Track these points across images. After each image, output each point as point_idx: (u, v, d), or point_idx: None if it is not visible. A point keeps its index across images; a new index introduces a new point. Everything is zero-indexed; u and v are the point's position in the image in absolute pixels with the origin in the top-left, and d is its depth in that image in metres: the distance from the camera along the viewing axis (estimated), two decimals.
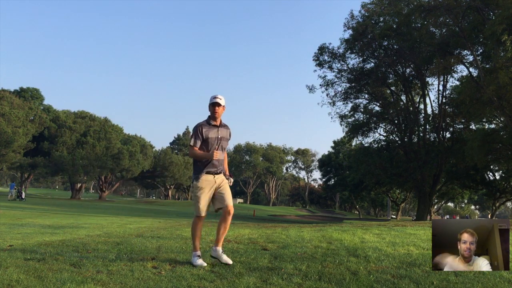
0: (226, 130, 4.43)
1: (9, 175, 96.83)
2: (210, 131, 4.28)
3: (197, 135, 4.28)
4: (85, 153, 45.71)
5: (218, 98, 4.28)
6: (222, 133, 4.37)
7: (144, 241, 5.93)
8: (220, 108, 4.28)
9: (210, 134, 4.28)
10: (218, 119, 4.32)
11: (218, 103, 4.26)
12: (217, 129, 4.33)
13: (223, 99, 4.33)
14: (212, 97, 4.28)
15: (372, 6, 30.81)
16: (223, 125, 4.42)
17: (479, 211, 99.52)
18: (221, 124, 4.39)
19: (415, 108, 32.39)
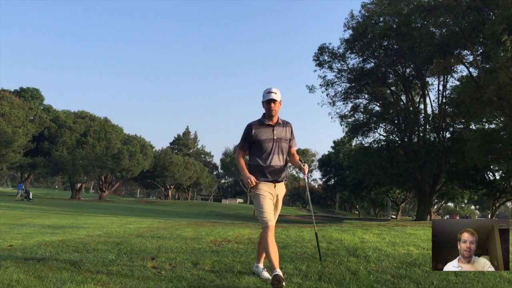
0: (284, 128, 3.73)
1: (9, 175, 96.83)
2: (263, 132, 3.64)
3: (245, 136, 3.69)
4: (85, 153, 45.69)
5: (273, 93, 3.58)
6: (279, 133, 3.68)
7: (144, 241, 5.93)
8: (276, 105, 3.61)
9: (263, 135, 3.64)
10: (274, 117, 3.67)
11: (273, 99, 3.57)
12: (271, 129, 3.65)
13: (278, 93, 3.63)
14: (266, 92, 3.61)
15: (372, 6, 30.80)
16: (280, 123, 3.71)
17: (479, 211, 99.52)
18: (278, 122, 3.70)
19: (415, 108, 32.39)
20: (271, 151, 3.65)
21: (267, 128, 3.66)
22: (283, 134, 3.70)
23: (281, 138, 3.67)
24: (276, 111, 3.62)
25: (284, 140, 3.69)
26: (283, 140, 3.68)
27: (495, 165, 33.38)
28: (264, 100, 3.62)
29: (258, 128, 3.66)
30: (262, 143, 3.63)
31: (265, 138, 3.63)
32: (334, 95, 33.11)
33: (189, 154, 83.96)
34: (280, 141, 3.66)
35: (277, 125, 3.69)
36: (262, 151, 3.65)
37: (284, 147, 3.71)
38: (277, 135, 3.66)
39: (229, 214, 32.95)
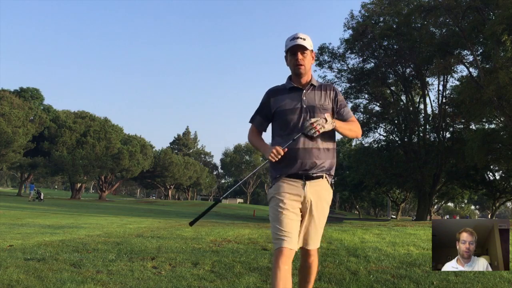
0: (322, 93, 2.47)
1: (9, 175, 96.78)
2: (286, 99, 2.45)
3: (259, 106, 2.58)
4: (85, 153, 45.68)
5: (301, 38, 2.39)
6: (312, 99, 2.44)
7: (144, 241, 5.93)
8: (306, 56, 2.41)
9: (285, 104, 2.44)
10: (304, 76, 2.45)
11: (301, 45, 2.37)
12: (300, 94, 2.44)
13: (308, 40, 2.43)
14: (290, 39, 2.42)
15: (372, 6, 30.80)
16: (315, 86, 2.49)
17: (479, 211, 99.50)
18: (311, 84, 2.48)
19: (415, 108, 32.40)
20: (294, 125, 2.40)
21: (293, 93, 2.46)
22: (321, 101, 2.44)
23: (315, 106, 2.41)
24: (307, 66, 2.42)
25: (321, 109, 2.42)
26: (319, 109, 2.41)
27: (495, 165, 33.35)
28: (287, 49, 2.42)
29: (278, 94, 2.50)
30: (284, 114, 2.43)
31: (287, 108, 2.43)
32: None
33: (189, 154, 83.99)
34: (314, 111, 2.40)
35: (309, 88, 2.46)
36: (284, 128, 2.44)
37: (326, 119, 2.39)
38: (309, 102, 2.42)
39: (229, 214, 32.95)
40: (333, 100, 2.51)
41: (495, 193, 41.09)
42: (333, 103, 2.51)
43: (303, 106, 2.42)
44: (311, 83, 2.49)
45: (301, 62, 2.40)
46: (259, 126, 2.63)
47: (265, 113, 2.56)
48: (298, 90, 2.46)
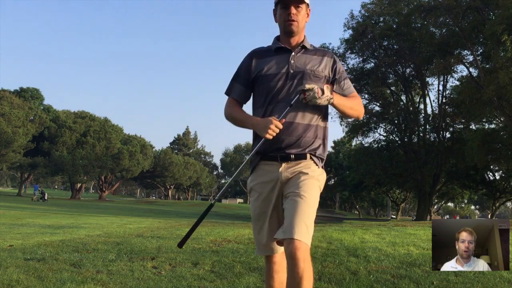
0: (316, 58, 2.01)
1: (9, 175, 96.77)
2: (270, 62, 1.99)
3: (239, 70, 2.08)
4: (85, 153, 45.70)
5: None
6: (302, 62, 1.97)
7: (144, 241, 5.93)
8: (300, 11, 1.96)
9: (270, 68, 1.98)
10: (295, 35, 1.99)
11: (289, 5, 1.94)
12: (288, 57, 1.98)
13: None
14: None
15: (372, 6, 30.81)
16: (308, 49, 2.03)
17: (479, 211, 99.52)
18: (302, 45, 2.01)
19: (415, 108, 32.42)
20: (277, 93, 1.94)
21: (280, 55, 1.99)
22: (313, 66, 1.97)
23: (304, 72, 1.94)
24: (300, 23, 1.96)
25: (312, 76, 1.94)
26: (309, 76, 1.94)
27: (495, 165, 33.36)
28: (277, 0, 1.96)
29: (262, 56, 2.02)
30: (266, 80, 1.97)
31: (271, 73, 1.96)
32: None
33: (189, 154, 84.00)
34: (303, 77, 1.93)
35: (300, 51, 2.00)
36: (266, 97, 1.97)
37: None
38: (298, 66, 1.95)
39: (229, 214, 32.95)
40: (331, 68, 2.02)
41: (495, 193, 41.10)
42: (329, 71, 2.02)
43: (289, 71, 1.95)
44: (302, 45, 2.01)
45: (294, 17, 1.93)
46: (239, 96, 2.07)
47: (244, 78, 2.05)
48: (286, 51, 1.99)
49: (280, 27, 2.04)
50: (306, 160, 1.95)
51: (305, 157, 1.95)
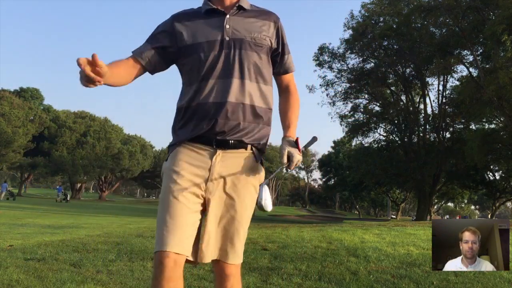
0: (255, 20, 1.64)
1: (9, 175, 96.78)
2: (199, 28, 1.60)
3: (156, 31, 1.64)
4: (85, 153, 45.71)
5: None
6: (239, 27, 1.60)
7: (144, 241, 5.93)
8: None
9: (198, 34, 1.58)
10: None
11: None
12: (222, 20, 1.60)
13: None
14: None
15: (372, 6, 30.82)
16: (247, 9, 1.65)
17: (479, 211, 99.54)
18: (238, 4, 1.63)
19: (415, 108, 32.42)
20: (210, 67, 1.56)
21: (211, 19, 1.61)
22: (253, 32, 1.60)
23: (243, 40, 1.58)
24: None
25: (253, 45, 1.59)
26: (250, 45, 1.59)
27: (495, 165, 33.37)
28: None
29: (188, 19, 1.62)
30: (194, 51, 1.58)
31: (200, 41, 1.57)
32: (334, 95, 33.14)
33: None
34: (241, 47, 1.58)
35: (236, 12, 1.63)
36: (198, 72, 1.57)
37: (254, 59, 1.60)
38: (234, 32, 1.59)
39: None
40: (275, 36, 1.66)
41: (495, 193, 41.09)
42: (273, 40, 1.65)
43: (224, 39, 1.56)
44: (239, 5, 1.61)
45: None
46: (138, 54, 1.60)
47: (160, 41, 1.60)
48: (219, 14, 1.59)
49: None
50: (246, 151, 1.59)
51: (245, 147, 1.58)
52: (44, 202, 32.94)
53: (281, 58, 1.71)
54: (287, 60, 1.73)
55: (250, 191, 1.59)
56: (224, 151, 1.55)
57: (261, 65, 1.61)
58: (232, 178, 1.56)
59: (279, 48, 1.69)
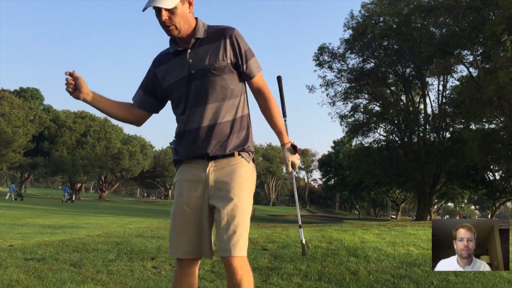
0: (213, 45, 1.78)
1: (9, 175, 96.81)
2: (170, 68, 1.83)
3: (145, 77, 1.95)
4: (85, 153, 45.73)
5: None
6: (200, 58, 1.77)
7: (144, 241, 5.93)
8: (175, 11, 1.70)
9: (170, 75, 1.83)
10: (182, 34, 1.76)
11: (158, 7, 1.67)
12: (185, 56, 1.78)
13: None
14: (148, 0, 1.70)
15: (372, 6, 30.83)
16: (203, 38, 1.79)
17: (479, 211, 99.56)
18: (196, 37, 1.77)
19: (415, 108, 32.42)
20: (185, 100, 1.80)
21: (178, 57, 1.81)
22: (211, 59, 1.76)
23: (204, 69, 1.76)
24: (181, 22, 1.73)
25: (213, 70, 1.76)
26: (211, 72, 1.76)
27: (495, 165, 33.40)
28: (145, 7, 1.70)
29: (162, 63, 1.87)
30: (171, 90, 1.84)
31: (173, 82, 1.82)
32: (334, 95, 33.15)
33: None
34: (206, 74, 1.76)
35: (195, 44, 1.78)
36: (178, 106, 1.85)
37: (218, 83, 1.77)
38: (197, 64, 1.77)
39: None
40: (231, 51, 1.79)
41: (495, 193, 41.10)
42: (231, 56, 1.79)
43: (191, 73, 1.77)
44: (195, 36, 1.77)
45: (168, 22, 1.71)
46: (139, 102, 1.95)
47: (149, 86, 1.92)
48: (183, 51, 1.79)
49: None
50: (234, 158, 1.81)
51: (233, 155, 1.81)
52: (48, 202, 32.95)
53: (244, 66, 1.84)
54: (250, 65, 1.85)
55: (245, 190, 1.80)
56: (216, 161, 1.80)
57: (227, 84, 1.79)
58: (227, 182, 1.78)
59: (239, 59, 1.82)
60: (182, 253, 1.79)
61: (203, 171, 1.79)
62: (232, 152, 1.81)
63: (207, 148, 1.77)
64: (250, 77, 1.86)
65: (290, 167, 1.96)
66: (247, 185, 1.82)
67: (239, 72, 1.84)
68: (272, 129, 1.98)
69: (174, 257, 1.85)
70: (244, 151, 1.85)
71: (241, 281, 1.68)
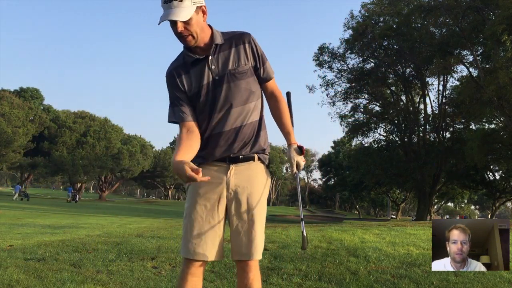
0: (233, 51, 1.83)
1: (9, 175, 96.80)
2: (191, 75, 1.83)
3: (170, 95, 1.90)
4: (85, 153, 45.71)
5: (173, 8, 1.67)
6: (223, 63, 1.82)
7: (144, 241, 5.93)
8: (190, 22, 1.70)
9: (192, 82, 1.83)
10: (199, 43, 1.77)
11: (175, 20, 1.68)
12: (206, 63, 1.81)
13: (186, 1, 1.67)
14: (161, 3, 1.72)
15: (372, 6, 30.83)
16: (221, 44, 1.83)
17: (479, 211, 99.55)
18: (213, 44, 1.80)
19: (415, 108, 32.42)
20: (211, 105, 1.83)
21: (198, 65, 1.82)
22: (235, 63, 1.82)
23: (230, 72, 1.81)
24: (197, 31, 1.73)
25: (237, 74, 1.82)
26: (235, 77, 1.82)
27: (495, 165, 33.40)
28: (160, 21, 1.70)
29: (183, 72, 1.84)
30: (198, 96, 1.84)
31: (198, 88, 1.83)
32: (334, 95, 33.15)
33: None
34: (230, 78, 1.81)
35: (215, 51, 1.81)
36: (202, 109, 1.85)
37: (243, 86, 1.83)
38: (220, 70, 1.81)
39: None
40: (251, 55, 1.86)
41: (495, 193, 41.09)
42: (251, 59, 1.86)
43: (215, 79, 1.80)
44: (212, 43, 1.80)
45: (185, 32, 1.71)
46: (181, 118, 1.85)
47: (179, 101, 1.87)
48: (202, 59, 1.80)
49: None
50: (254, 162, 1.89)
51: (253, 159, 1.89)
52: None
53: (261, 70, 1.91)
54: (266, 69, 1.93)
55: (263, 195, 1.90)
56: (236, 164, 1.86)
57: (250, 86, 1.86)
58: (246, 186, 1.85)
59: (257, 62, 1.89)
60: (197, 253, 1.79)
61: (224, 174, 1.84)
62: (253, 154, 1.88)
63: (232, 150, 1.84)
64: (267, 79, 1.94)
65: (295, 167, 2.01)
66: (265, 190, 1.91)
67: (257, 75, 1.91)
68: (280, 130, 2.04)
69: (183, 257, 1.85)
70: (264, 153, 1.94)
71: (254, 282, 1.78)
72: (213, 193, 1.83)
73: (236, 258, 1.80)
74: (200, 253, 1.79)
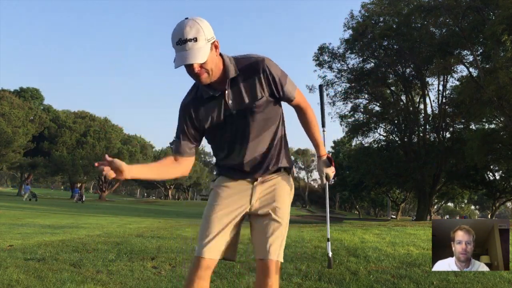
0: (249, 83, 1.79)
1: (9, 175, 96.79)
2: (208, 111, 1.83)
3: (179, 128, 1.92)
4: (85, 153, 45.70)
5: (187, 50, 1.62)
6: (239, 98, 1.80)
7: (144, 241, 5.93)
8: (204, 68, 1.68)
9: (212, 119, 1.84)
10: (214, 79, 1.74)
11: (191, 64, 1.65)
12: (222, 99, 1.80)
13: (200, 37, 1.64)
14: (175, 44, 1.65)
15: (372, 6, 30.80)
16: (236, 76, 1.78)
17: (479, 211, 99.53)
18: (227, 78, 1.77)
19: (415, 108, 32.40)
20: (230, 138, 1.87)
21: (213, 100, 1.82)
22: (250, 96, 1.79)
23: (247, 107, 1.80)
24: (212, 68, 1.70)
25: (254, 107, 1.80)
26: (253, 110, 1.80)
27: (495, 165, 33.38)
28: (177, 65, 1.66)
29: (200, 105, 1.85)
30: (214, 130, 1.87)
31: (217, 122, 1.84)
32: (334, 95, 33.12)
33: None
34: (247, 112, 1.81)
35: (231, 85, 1.79)
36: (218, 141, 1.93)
37: (261, 117, 1.83)
38: (236, 103, 1.80)
39: None
40: (266, 84, 1.80)
41: (495, 193, 41.09)
42: (267, 88, 1.81)
43: (232, 113, 1.81)
44: (225, 76, 1.77)
45: (201, 71, 1.69)
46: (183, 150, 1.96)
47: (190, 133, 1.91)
48: (217, 95, 1.80)
49: None
50: (280, 172, 1.98)
51: (279, 170, 1.98)
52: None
53: (281, 93, 1.87)
54: (286, 91, 1.88)
55: (288, 201, 1.97)
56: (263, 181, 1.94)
57: (267, 115, 1.87)
58: (273, 193, 1.93)
59: (274, 89, 1.84)
60: (214, 254, 1.83)
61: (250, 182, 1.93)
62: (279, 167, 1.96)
63: (256, 176, 1.92)
64: (290, 100, 1.93)
65: (324, 179, 2.12)
66: (289, 197, 1.99)
67: (277, 99, 1.89)
68: (310, 139, 2.09)
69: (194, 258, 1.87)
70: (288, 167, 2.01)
71: (274, 283, 1.83)
72: (236, 197, 1.92)
73: (261, 256, 1.83)
74: (212, 252, 1.82)
